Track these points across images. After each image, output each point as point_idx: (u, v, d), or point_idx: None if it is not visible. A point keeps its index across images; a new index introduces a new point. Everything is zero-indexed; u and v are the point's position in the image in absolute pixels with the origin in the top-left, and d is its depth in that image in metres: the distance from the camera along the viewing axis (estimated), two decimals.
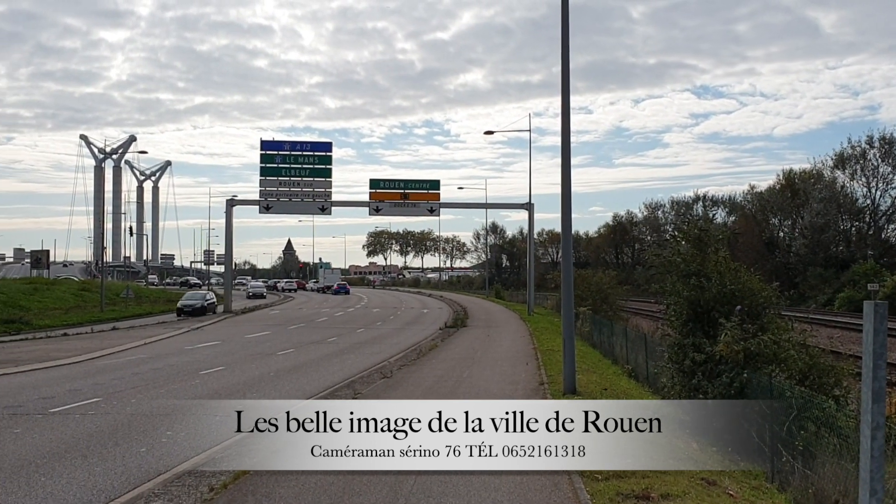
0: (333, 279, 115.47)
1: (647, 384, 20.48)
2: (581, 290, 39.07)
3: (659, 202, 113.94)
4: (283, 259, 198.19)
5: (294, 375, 21.40)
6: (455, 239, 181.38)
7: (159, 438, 12.45)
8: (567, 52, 16.74)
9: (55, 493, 9.08)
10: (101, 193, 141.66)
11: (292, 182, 54.86)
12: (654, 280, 20.01)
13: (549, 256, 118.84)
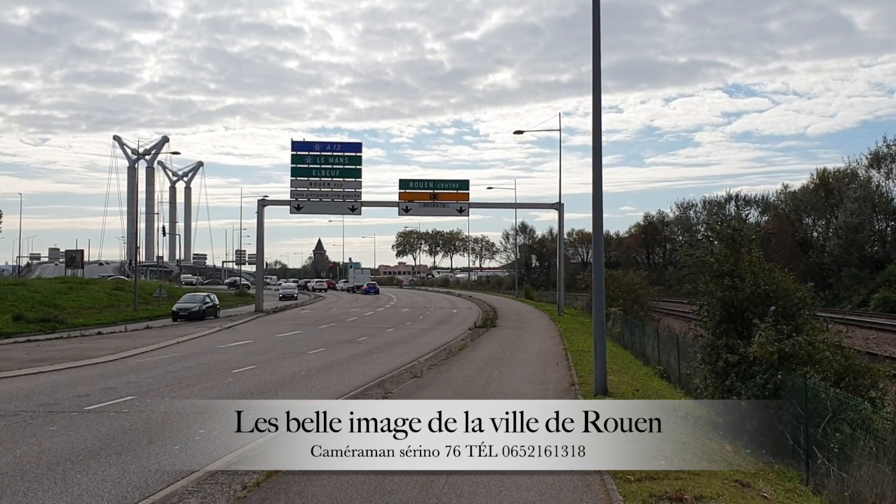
0: (363, 279, 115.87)
1: (680, 385, 20.32)
2: (612, 290, 38.87)
3: (691, 202, 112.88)
4: (314, 259, 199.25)
5: (325, 374, 21.50)
6: (484, 239, 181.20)
7: (192, 436, 12.55)
8: (598, 51, 16.65)
9: (90, 489, 9.19)
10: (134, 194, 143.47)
11: (322, 182, 55.11)
12: (686, 280, 19.88)
13: (579, 257, 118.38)
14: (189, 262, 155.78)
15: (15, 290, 51.99)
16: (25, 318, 39.92)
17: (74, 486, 9.29)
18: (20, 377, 20.24)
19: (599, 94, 16.66)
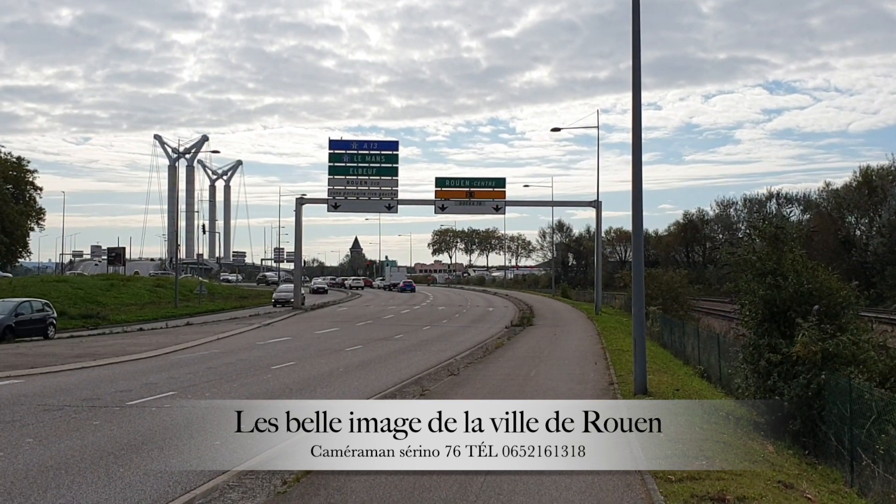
0: (399, 277, 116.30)
1: (720, 385, 20.10)
2: (651, 289, 38.54)
3: (731, 200, 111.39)
4: (351, 257, 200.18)
5: (362, 371, 21.58)
6: (520, 237, 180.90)
7: (232, 431, 12.64)
8: (638, 48, 16.51)
9: (133, 483, 9.31)
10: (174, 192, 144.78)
11: (360, 181, 55.33)
12: (727, 279, 19.62)
13: (617, 255, 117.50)
14: (228, 259, 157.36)
15: (58, 286, 52.90)
16: (68, 315, 40.58)
17: (118, 480, 9.41)
18: (64, 372, 20.57)
19: (639, 91, 16.52)
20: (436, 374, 20.54)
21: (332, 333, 35.81)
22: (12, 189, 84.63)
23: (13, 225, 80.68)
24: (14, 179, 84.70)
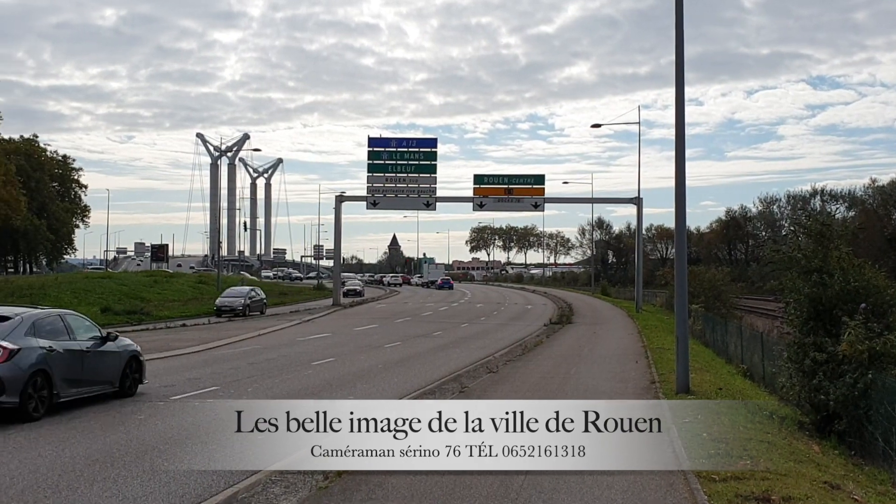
0: (437, 274, 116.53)
1: (763, 384, 19.84)
2: (693, 287, 38.11)
3: (774, 196, 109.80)
4: (389, 254, 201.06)
5: (401, 368, 21.63)
6: (559, 234, 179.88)
7: (284, 430, 12.74)
8: (681, 43, 16.32)
9: (177, 477, 9.42)
10: (216, 190, 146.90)
11: (398, 178, 55.51)
12: (770, 277, 19.36)
13: (658, 252, 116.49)
14: (269, 256, 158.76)
15: (102, 283, 53.81)
16: (113, 310, 41.22)
17: (162, 474, 9.53)
18: None
19: (682, 86, 16.33)
20: (474, 372, 20.53)
21: (371, 330, 35.96)
22: (58, 187, 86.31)
23: (59, 222, 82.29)
24: (60, 177, 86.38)
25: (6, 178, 54.84)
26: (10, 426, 12.22)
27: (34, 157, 79.17)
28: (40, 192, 77.67)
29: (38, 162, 79.60)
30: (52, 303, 43.84)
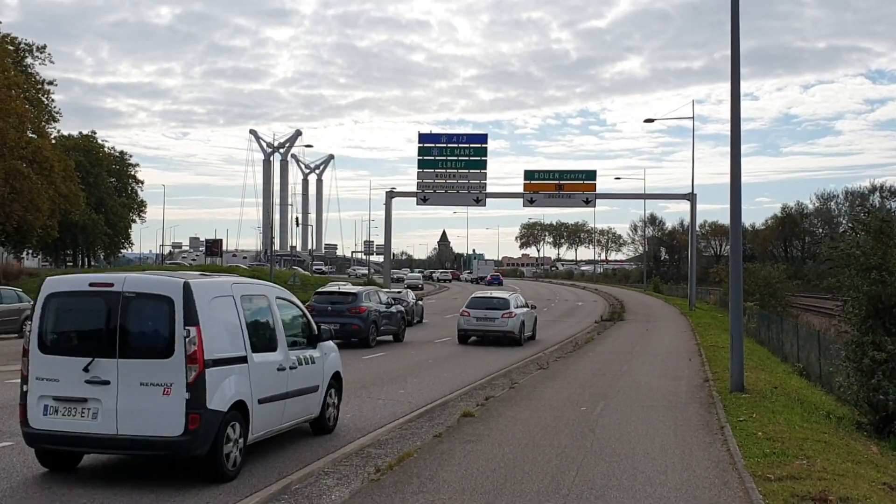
0: (487, 270, 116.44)
1: (820, 384, 19.48)
2: (748, 284, 37.50)
3: (831, 193, 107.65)
4: (438, 250, 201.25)
5: (451, 363, 21.67)
6: (610, 231, 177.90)
7: None
8: (737, 36, 16.07)
9: None
10: (269, 186, 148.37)
11: (448, 174, 55.46)
12: (828, 274, 18.97)
13: (712, 249, 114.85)
14: (321, 251, 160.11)
15: None
16: None
17: None
18: None
19: (738, 81, 16.08)
20: (525, 368, 20.47)
21: (421, 325, 36.06)
22: (115, 182, 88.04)
23: (116, 217, 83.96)
24: (117, 173, 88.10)
25: (66, 173, 56.08)
26: None
27: (92, 153, 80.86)
28: (98, 187, 79.35)
29: (97, 158, 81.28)
30: None
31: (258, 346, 9.65)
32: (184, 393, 8.38)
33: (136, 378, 8.48)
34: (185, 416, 8.37)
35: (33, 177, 49.65)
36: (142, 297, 8.77)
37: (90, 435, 8.50)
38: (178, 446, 8.41)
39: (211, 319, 8.82)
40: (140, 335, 8.77)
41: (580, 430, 11.88)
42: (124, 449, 8.69)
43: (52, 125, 59.25)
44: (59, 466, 9.14)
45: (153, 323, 8.74)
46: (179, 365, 8.43)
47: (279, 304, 10.58)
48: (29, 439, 8.83)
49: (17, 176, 48.70)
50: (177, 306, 8.56)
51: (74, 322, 9.12)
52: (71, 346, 8.90)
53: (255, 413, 9.41)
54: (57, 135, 66.17)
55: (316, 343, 11.40)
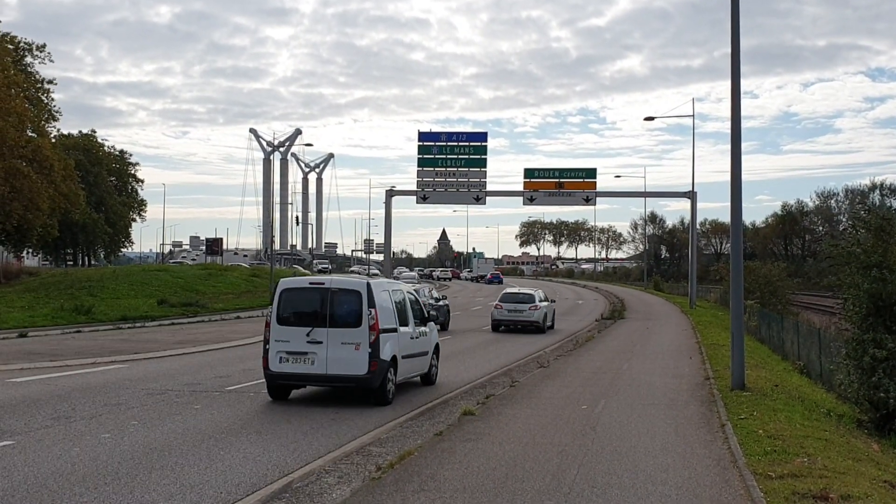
0: (487, 269, 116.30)
1: (821, 381, 19.48)
2: (748, 282, 37.50)
3: (831, 191, 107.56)
4: (438, 248, 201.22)
5: (452, 362, 21.65)
6: (611, 229, 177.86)
7: (327, 417, 12.90)
8: (737, 35, 16.05)
9: (234, 466, 9.57)
10: (269, 185, 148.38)
11: (448, 172, 55.36)
12: (828, 272, 18.97)
13: (712, 248, 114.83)
14: (321, 250, 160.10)
15: (159, 275, 54.77)
16: (169, 303, 41.97)
17: (218, 462, 9.70)
18: (166, 358, 21.30)
19: (738, 79, 16.06)
20: (525, 366, 20.48)
21: None
22: (115, 181, 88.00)
23: (116, 216, 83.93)
24: (117, 172, 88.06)
25: (66, 172, 56.03)
26: (71, 419, 12.55)
27: (92, 152, 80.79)
28: (98, 186, 79.29)
29: (96, 157, 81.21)
30: (109, 295, 44.82)
31: (401, 322, 15.04)
32: (367, 348, 13.65)
33: (338, 339, 13.77)
34: (369, 362, 13.62)
35: (33, 176, 49.61)
36: (342, 290, 14.15)
37: (309, 374, 13.93)
38: (364, 381, 13.74)
39: (380, 305, 14.13)
40: (341, 314, 13.95)
41: (581, 429, 11.88)
42: (331, 383, 14.24)
43: (51, 124, 59.21)
44: (279, 397, 14.39)
45: (349, 306, 13.95)
46: (365, 332, 13.73)
47: (409, 296, 16.14)
48: (269, 378, 14.18)
49: (17, 175, 48.67)
50: (363, 296, 13.90)
51: (299, 306, 14.31)
52: (297, 321, 14.09)
53: (400, 364, 14.75)
54: (57, 134, 66.12)
55: (426, 322, 16.78)
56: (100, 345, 24.38)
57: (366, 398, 14.04)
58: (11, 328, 28.87)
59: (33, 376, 16.76)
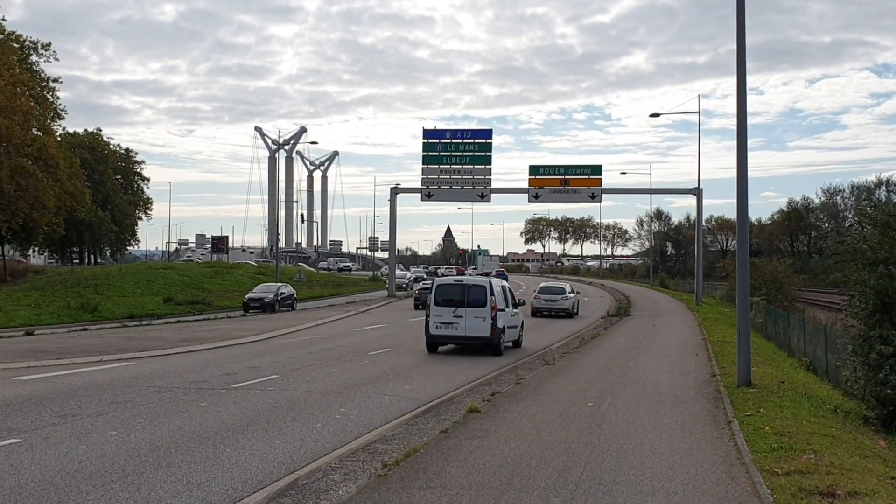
0: (491, 266, 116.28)
1: (827, 378, 19.43)
2: (754, 279, 37.49)
3: (837, 187, 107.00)
4: (443, 246, 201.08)
5: (458, 359, 21.65)
6: (616, 226, 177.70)
7: (333, 415, 12.91)
8: (742, 31, 16.00)
9: (240, 463, 9.58)
10: (274, 183, 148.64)
11: (453, 170, 55.44)
12: (834, 269, 18.92)
13: (718, 244, 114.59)
14: (326, 248, 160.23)
15: (165, 273, 54.93)
16: (175, 301, 42.11)
17: (225, 460, 9.70)
18: (172, 355, 21.34)
19: (744, 75, 16.02)
20: (531, 364, 20.46)
21: None
22: (121, 180, 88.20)
23: (122, 214, 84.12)
24: (123, 170, 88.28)
25: (71, 171, 56.16)
26: (67, 417, 12.57)
27: (98, 150, 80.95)
28: (104, 184, 79.45)
29: (102, 155, 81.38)
30: (115, 293, 44.93)
31: (507, 304, 23.38)
32: (490, 320, 21.78)
33: (472, 315, 21.94)
34: (491, 328, 21.79)
35: (39, 174, 49.73)
36: (474, 285, 22.90)
37: (454, 335, 22.15)
38: (488, 339, 21.92)
39: (496, 293, 22.33)
40: (473, 299, 22.11)
41: (587, 426, 11.87)
42: (467, 342, 22.25)
43: (57, 123, 59.42)
44: (433, 350, 22.49)
45: (478, 294, 22.16)
46: (488, 310, 21.81)
47: (508, 289, 24.66)
48: (429, 338, 22.44)
49: (23, 173, 48.81)
50: (486, 288, 22.25)
51: (448, 294, 22.47)
52: (446, 303, 22.20)
53: (506, 332, 23.03)
54: (62, 132, 66.32)
55: (517, 306, 25.08)
56: (106, 342, 24.44)
57: (486, 350, 22.33)
58: (18, 326, 28.99)
59: (40, 374, 16.80)
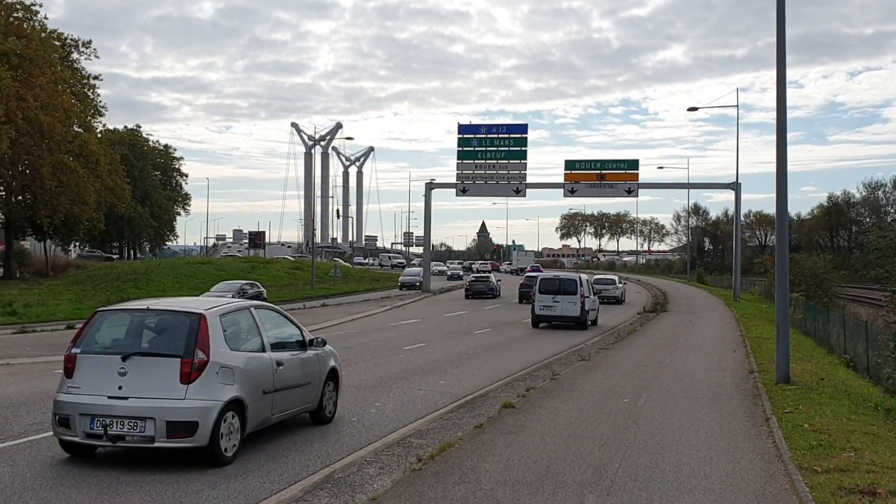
0: (526, 261, 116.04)
1: (868, 375, 19.11)
2: (793, 275, 36.90)
3: (879, 182, 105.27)
4: (478, 241, 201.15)
5: (491, 354, 21.64)
6: (653, 221, 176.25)
7: (369, 409, 12.97)
8: (783, 24, 15.77)
9: (276, 456, 9.68)
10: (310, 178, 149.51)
11: (488, 165, 55.35)
12: (875, 265, 18.58)
13: (757, 239, 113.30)
14: (361, 243, 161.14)
15: (203, 268, 55.55)
16: None
17: (261, 453, 9.78)
18: None
19: (784, 68, 15.78)
20: (566, 359, 20.37)
21: (461, 316, 36.11)
22: (160, 176, 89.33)
23: (161, 209, 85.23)
24: (162, 166, 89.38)
25: (111, 167, 57.00)
26: None
27: (137, 146, 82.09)
28: (143, 180, 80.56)
29: (141, 151, 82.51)
30: (154, 287, 45.51)
31: (589, 293, 31.48)
32: (580, 304, 29.82)
33: (567, 301, 29.92)
34: (580, 310, 29.88)
35: (80, 170, 50.52)
36: (567, 279, 31.40)
37: (553, 315, 30.24)
38: (577, 318, 29.89)
39: (584, 284, 30.81)
40: (566, 290, 30.15)
41: (623, 422, 11.80)
42: (563, 321, 30.06)
43: (97, 119, 60.28)
44: (536, 326, 30.50)
45: (571, 285, 30.30)
46: (579, 297, 29.92)
47: (589, 281, 34.27)
48: (534, 317, 30.62)
49: (64, 170, 49.60)
50: (577, 281, 30.57)
51: (548, 286, 30.61)
52: (546, 292, 30.38)
53: (589, 313, 30.89)
54: (102, 129, 67.29)
55: (595, 296, 33.95)
56: None
57: (575, 326, 29.62)
58: (59, 320, 29.45)
59: None
